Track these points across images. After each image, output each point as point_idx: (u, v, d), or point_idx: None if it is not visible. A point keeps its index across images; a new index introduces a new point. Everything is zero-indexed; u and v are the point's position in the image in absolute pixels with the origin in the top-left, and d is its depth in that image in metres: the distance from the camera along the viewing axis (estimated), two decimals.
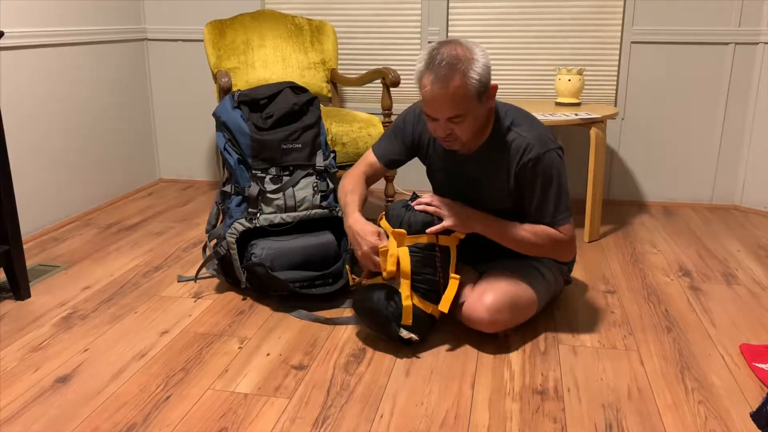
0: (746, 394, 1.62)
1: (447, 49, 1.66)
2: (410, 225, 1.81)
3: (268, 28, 3.03)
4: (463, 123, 1.70)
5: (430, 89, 1.66)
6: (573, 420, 1.52)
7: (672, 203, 3.27)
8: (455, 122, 1.70)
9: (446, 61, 1.63)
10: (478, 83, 1.66)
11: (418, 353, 1.82)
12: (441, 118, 1.69)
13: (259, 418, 1.52)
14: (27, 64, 2.66)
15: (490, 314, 1.81)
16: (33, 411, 1.55)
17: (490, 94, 1.72)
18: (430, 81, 1.65)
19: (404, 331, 1.79)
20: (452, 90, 1.64)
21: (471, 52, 1.66)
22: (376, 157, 2.04)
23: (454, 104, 1.66)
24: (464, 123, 1.70)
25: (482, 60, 1.67)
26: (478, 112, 1.72)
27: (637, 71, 3.11)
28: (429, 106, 1.69)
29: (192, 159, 3.61)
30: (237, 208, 2.12)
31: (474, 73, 1.64)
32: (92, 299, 2.15)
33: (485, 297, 1.82)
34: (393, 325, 1.79)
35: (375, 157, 2.04)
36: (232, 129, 2.13)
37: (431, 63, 1.66)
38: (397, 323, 1.79)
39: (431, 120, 1.73)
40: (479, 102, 1.70)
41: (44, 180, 2.78)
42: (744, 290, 2.24)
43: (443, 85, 1.64)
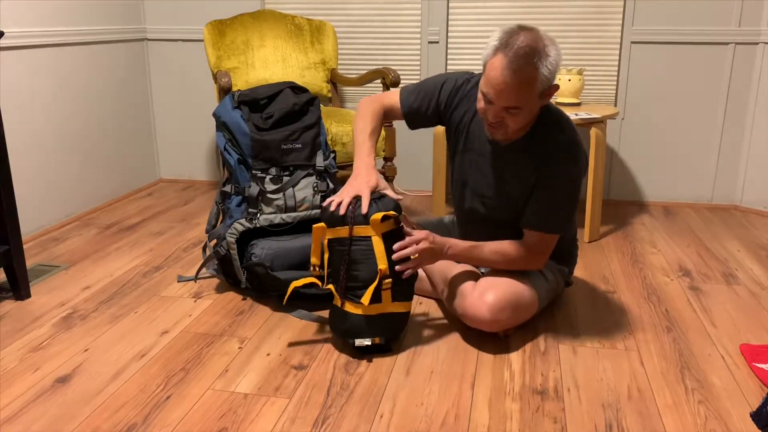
0: (746, 394, 1.62)
1: (526, 36, 1.60)
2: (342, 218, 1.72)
3: (268, 28, 3.03)
4: (518, 115, 1.67)
5: (499, 74, 1.60)
6: (573, 420, 1.52)
7: (672, 203, 3.27)
8: (511, 112, 1.66)
9: (523, 50, 1.58)
10: (546, 80, 1.62)
11: (418, 353, 1.82)
12: (498, 104, 1.65)
13: (259, 418, 1.52)
14: (27, 64, 2.66)
15: (492, 313, 1.80)
16: (33, 411, 1.55)
17: (551, 92, 1.69)
18: (501, 65, 1.60)
19: (357, 340, 1.76)
20: (521, 81, 1.60)
21: (547, 47, 1.61)
22: (401, 105, 1.95)
23: (517, 95, 1.62)
24: (519, 115, 1.67)
25: (555, 57, 1.62)
26: (535, 107, 1.69)
27: (637, 71, 3.11)
28: (491, 89, 1.64)
29: (192, 159, 3.61)
30: (237, 208, 2.12)
31: (546, 70, 1.61)
32: (92, 299, 2.15)
33: (487, 296, 1.81)
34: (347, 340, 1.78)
35: (399, 104, 1.95)
36: (232, 129, 2.13)
37: (507, 46, 1.60)
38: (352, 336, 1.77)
39: (486, 102, 1.68)
40: (539, 99, 1.67)
41: (44, 180, 2.78)
42: (744, 290, 2.24)
43: (514, 74, 1.59)
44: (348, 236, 1.71)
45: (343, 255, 1.74)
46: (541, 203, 1.80)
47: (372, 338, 1.76)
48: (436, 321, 2.01)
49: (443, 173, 2.83)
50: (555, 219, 1.82)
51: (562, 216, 1.82)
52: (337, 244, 1.75)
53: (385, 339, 1.79)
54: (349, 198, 1.73)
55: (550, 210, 1.81)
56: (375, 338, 1.76)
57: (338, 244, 1.75)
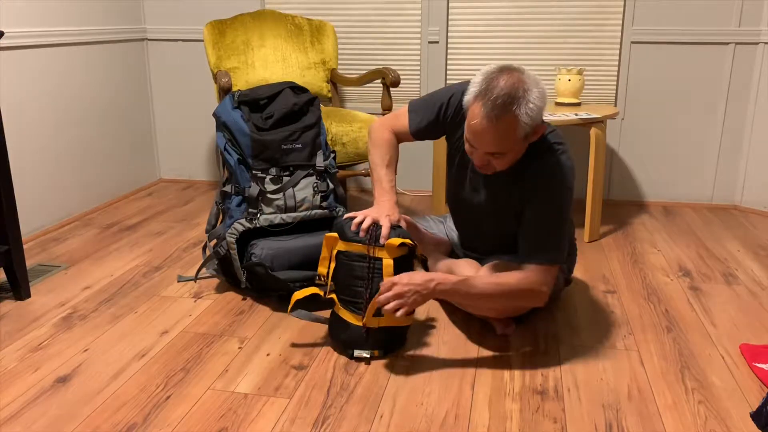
0: (746, 394, 1.62)
1: (505, 81, 1.57)
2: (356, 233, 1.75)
3: (268, 28, 3.03)
4: (503, 158, 1.65)
5: (478, 122, 1.58)
6: (573, 420, 1.52)
7: (672, 203, 3.27)
8: (495, 156, 1.65)
9: (501, 99, 1.55)
10: (527, 126, 1.59)
11: (418, 353, 1.82)
12: (481, 150, 1.64)
13: (259, 418, 1.52)
14: (27, 64, 2.66)
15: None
16: (33, 411, 1.55)
17: (536, 131, 1.65)
18: (479, 114, 1.58)
19: (356, 351, 1.77)
20: (500, 131, 1.58)
21: (528, 92, 1.57)
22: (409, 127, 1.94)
23: (498, 143, 1.60)
24: (504, 158, 1.65)
25: (537, 101, 1.58)
26: (520, 149, 1.67)
27: (637, 71, 3.11)
28: (472, 136, 1.63)
29: (192, 159, 3.61)
30: (237, 208, 2.12)
31: (526, 117, 1.57)
32: (92, 299, 2.15)
33: None
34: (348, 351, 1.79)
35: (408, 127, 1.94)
36: (233, 129, 2.13)
37: (486, 93, 1.57)
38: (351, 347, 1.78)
39: (470, 146, 1.67)
40: (524, 141, 1.64)
41: (44, 180, 2.78)
42: (744, 290, 2.24)
43: (492, 124, 1.57)
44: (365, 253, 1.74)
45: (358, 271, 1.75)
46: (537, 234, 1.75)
47: (371, 351, 1.77)
48: (436, 321, 2.01)
49: (443, 173, 2.83)
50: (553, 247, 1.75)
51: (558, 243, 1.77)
52: (345, 258, 1.77)
53: (384, 353, 1.79)
54: (371, 221, 1.75)
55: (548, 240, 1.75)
56: (374, 351, 1.77)
57: (346, 257, 1.77)
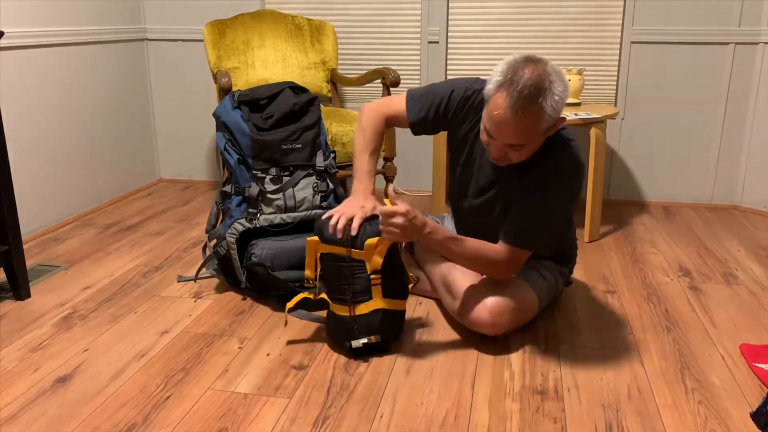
0: (746, 394, 1.62)
1: (531, 72, 1.53)
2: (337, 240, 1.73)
3: (268, 28, 3.03)
4: (522, 150, 1.63)
5: (502, 113, 1.54)
6: (573, 420, 1.52)
7: (672, 203, 3.27)
8: (513, 148, 1.62)
9: (528, 89, 1.51)
10: (551, 119, 1.57)
11: (418, 353, 1.82)
12: (501, 141, 1.62)
13: (259, 418, 1.52)
14: (27, 64, 2.66)
15: (492, 316, 1.80)
16: (33, 411, 1.55)
17: (556, 126, 1.64)
18: (504, 104, 1.54)
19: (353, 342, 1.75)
20: (525, 122, 1.55)
21: (553, 84, 1.54)
22: (408, 114, 1.89)
23: (521, 135, 1.58)
24: (522, 150, 1.63)
25: (561, 95, 1.56)
26: (539, 142, 1.65)
27: (637, 71, 3.11)
28: (494, 126, 1.59)
29: (192, 159, 3.61)
30: (237, 208, 2.12)
31: (551, 109, 1.55)
32: (92, 299, 2.15)
33: (486, 299, 1.81)
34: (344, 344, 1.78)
35: (405, 113, 1.90)
36: (233, 129, 2.13)
37: (511, 84, 1.53)
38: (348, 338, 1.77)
39: (488, 136, 1.64)
40: (544, 134, 1.63)
41: (44, 180, 2.78)
42: (744, 290, 2.24)
43: (517, 115, 1.53)
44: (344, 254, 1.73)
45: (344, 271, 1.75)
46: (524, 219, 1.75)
47: (367, 337, 1.75)
48: (436, 321, 2.01)
49: (443, 173, 2.83)
50: (534, 237, 1.76)
51: (542, 235, 1.77)
52: (329, 260, 1.77)
53: (381, 338, 1.77)
54: (345, 221, 1.72)
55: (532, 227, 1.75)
56: (370, 337, 1.75)
57: (330, 259, 1.77)
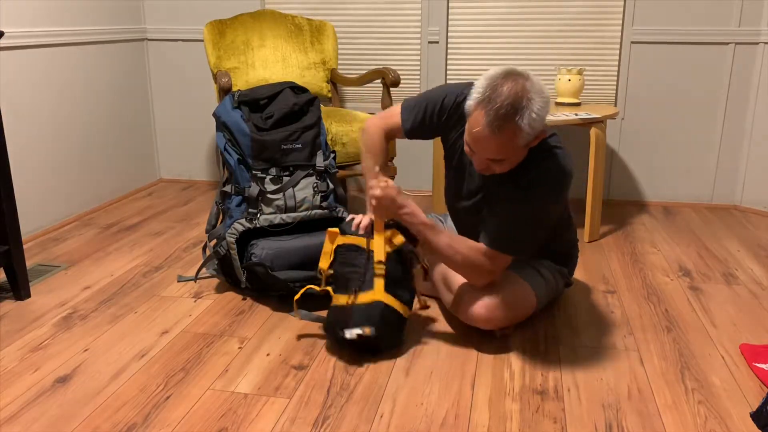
0: (746, 394, 1.62)
1: (509, 89, 1.55)
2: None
3: (268, 28, 3.03)
4: (503, 163, 1.65)
5: (480, 130, 1.57)
6: (573, 420, 1.52)
7: (672, 203, 3.27)
8: (495, 162, 1.64)
9: (504, 108, 1.53)
10: (529, 136, 1.59)
11: (418, 353, 1.82)
12: (482, 156, 1.64)
13: (259, 418, 1.52)
14: (27, 64, 2.66)
15: (487, 312, 1.81)
16: (33, 411, 1.55)
17: (537, 138, 1.64)
18: (482, 122, 1.57)
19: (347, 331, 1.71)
20: (502, 140, 1.57)
21: (531, 101, 1.55)
22: (402, 124, 1.94)
23: (499, 151, 1.60)
24: (504, 163, 1.65)
25: (541, 111, 1.56)
26: (521, 155, 1.66)
27: (637, 71, 3.11)
28: (473, 142, 1.62)
29: (192, 159, 3.61)
30: (237, 208, 2.12)
31: (528, 127, 1.56)
32: (92, 299, 2.15)
33: (482, 295, 1.81)
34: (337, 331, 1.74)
35: (401, 124, 1.95)
36: (233, 129, 2.13)
37: (489, 102, 1.56)
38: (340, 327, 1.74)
39: (470, 150, 1.66)
40: (525, 148, 1.64)
41: (44, 180, 2.78)
42: (744, 290, 2.24)
43: (494, 133, 1.56)
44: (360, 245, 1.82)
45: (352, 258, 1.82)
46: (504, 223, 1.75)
47: (362, 327, 1.70)
48: (436, 321, 2.01)
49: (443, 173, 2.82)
50: (513, 241, 1.75)
51: (522, 240, 1.76)
52: (342, 249, 1.84)
53: (375, 332, 1.71)
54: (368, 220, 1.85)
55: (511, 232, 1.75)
56: (365, 328, 1.70)
57: (346, 248, 1.83)
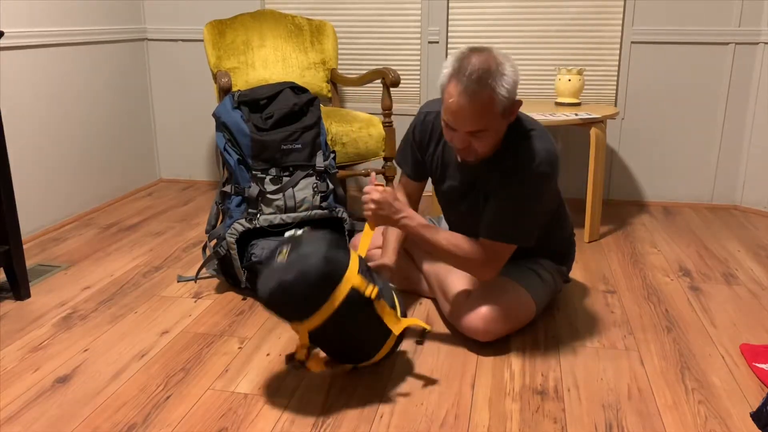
0: (746, 394, 1.62)
1: (477, 58, 1.57)
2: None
3: (268, 28, 3.03)
4: (484, 137, 1.64)
5: (456, 100, 1.58)
6: (573, 420, 1.52)
7: (672, 203, 3.27)
8: (476, 136, 1.63)
9: (476, 73, 1.55)
10: (505, 100, 1.59)
11: (418, 353, 1.82)
12: (461, 130, 1.63)
13: (259, 418, 1.52)
14: (27, 64, 2.66)
15: (486, 325, 1.79)
16: (33, 411, 1.55)
17: (513, 109, 1.65)
18: (456, 91, 1.58)
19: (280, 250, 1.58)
20: (479, 105, 1.57)
21: (501, 65, 1.57)
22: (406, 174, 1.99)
23: (478, 119, 1.59)
24: (485, 137, 1.64)
25: (511, 75, 1.59)
26: (499, 127, 1.66)
27: (637, 71, 3.11)
28: (451, 116, 1.62)
29: (192, 159, 3.61)
30: (237, 208, 2.12)
31: (503, 90, 1.57)
32: (92, 299, 2.15)
33: (480, 307, 1.80)
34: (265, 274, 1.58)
35: (404, 176, 2.00)
36: (232, 129, 2.13)
37: (460, 72, 1.57)
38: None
39: (450, 129, 1.66)
40: (503, 118, 1.64)
41: (44, 180, 2.78)
42: (744, 290, 2.24)
43: (470, 99, 1.56)
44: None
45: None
46: (498, 212, 1.74)
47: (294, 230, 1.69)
48: (436, 321, 2.01)
49: None
50: (510, 229, 1.74)
51: (519, 226, 1.75)
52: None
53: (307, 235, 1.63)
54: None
55: (507, 220, 1.74)
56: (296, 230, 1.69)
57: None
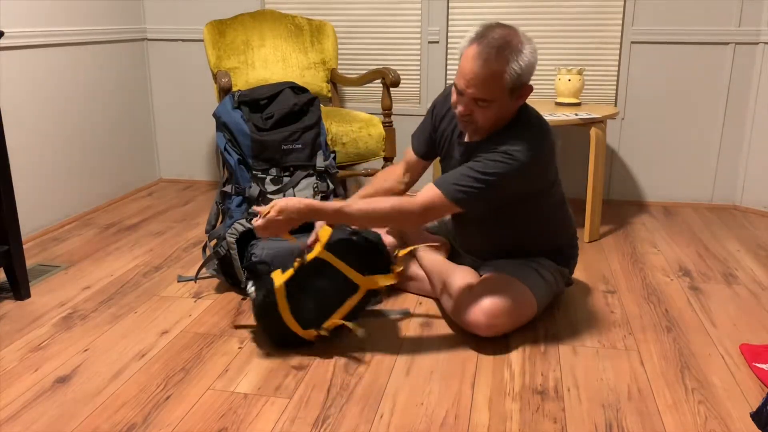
0: (746, 394, 1.62)
1: (502, 31, 1.63)
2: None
3: (268, 28, 3.03)
4: (487, 109, 1.67)
5: (470, 63, 1.63)
6: (573, 420, 1.52)
7: (672, 203, 3.27)
8: (479, 105, 1.67)
9: (497, 41, 1.61)
10: (516, 77, 1.63)
11: (418, 353, 1.82)
12: (468, 94, 1.67)
13: (259, 418, 1.52)
14: (27, 64, 2.66)
15: (488, 319, 1.80)
16: (33, 411, 1.55)
17: (523, 92, 1.69)
18: (472, 54, 1.62)
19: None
20: (490, 72, 1.61)
21: (522, 44, 1.63)
22: (415, 151, 2.02)
23: (485, 87, 1.63)
24: (488, 109, 1.67)
25: (529, 57, 1.64)
26: (505, 104, 1.69)
27: (637, 71, 3.11)
28: (461, 78, 1.66)
29: (192, 159, 3.61)
30: (237, 208, 2.13)
31: (516, 65, 1.62)
32: (92, 299, 2.15)
33: (483, 302, 1.81)
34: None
35: (411, 150, 2.02)
36: (233, 129, 2.13)
37: (482, 37, 1.63)
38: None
39: (457, 92, 1.70)
40: (510, 96, 1.67)
41: (44, 180, 2.78)
42: (744, 290, 2.24)
43: (484, 64, 1.61)
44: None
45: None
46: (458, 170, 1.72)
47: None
48: (436, 321, 2.01)
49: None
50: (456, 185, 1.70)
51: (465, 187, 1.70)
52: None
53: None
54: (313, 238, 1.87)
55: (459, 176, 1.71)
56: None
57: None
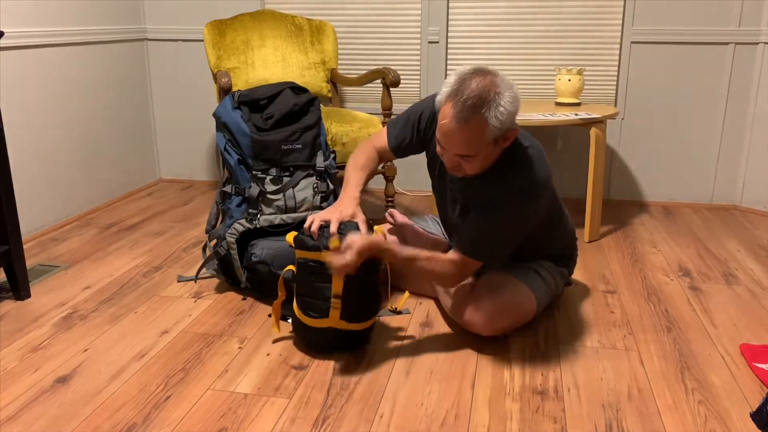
0: (746, 394, 1.62)
1: (477, 83, 1.56)
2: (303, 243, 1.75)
3: (268, 28, 3.03)
4: (473, 161, 1.64)
5: (447, 123, 1.58)
6: (573, 420, 1.52)
7: (672, 203, 3.27)
8: (465, 159, 1.64)
9: (471, 100, 1.55)
10: (497, 130, 1.58)
11: (418, 353, 1.82)
12: (451, 151, 1.64)
13: (259, 418, 1.52)
14: (27, 64, 2.66)
15: (489, 319, 1.80)
16: (33, 411, 1.55)
17: (507, 136, 1.64)
18: (449, 114, 1.58)
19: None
20: (469, 132, 1.57)
21: (499, 95, 1.56)
22: (388, 142, 1.97)
23: (467, 145, 1.60)
24: (473, 161, 1.64)
25: (508, 106, 1.57)
26: (490, 153, 1.65)
27: (637, 71, 3.11)
28: (442, 137, 1.62)
29: (192, 159, 3.61)
30: (237, 208, 2.12)
31: (495, 120, 1.56)
32: (92, 299, 2.15)
33: (483, 302, 1.81)
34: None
35: (387, 142, 1.98)
36: (233, 129, 2.13)
37: (456, 95, 1.57)
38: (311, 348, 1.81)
39: (441, 147, 1.67)
40: (494, 145, 1.63)
41: (44, 180, 2.78)
42: (744, 290, 2.24)
43: (461, 126, 1.56)
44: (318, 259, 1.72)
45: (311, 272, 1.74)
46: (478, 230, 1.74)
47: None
48: (436, 321, 2.01)
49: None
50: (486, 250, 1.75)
51: (493, 249, 1.76)
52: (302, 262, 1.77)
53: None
54: (318, 222, 1.75)
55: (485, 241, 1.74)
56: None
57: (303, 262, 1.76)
